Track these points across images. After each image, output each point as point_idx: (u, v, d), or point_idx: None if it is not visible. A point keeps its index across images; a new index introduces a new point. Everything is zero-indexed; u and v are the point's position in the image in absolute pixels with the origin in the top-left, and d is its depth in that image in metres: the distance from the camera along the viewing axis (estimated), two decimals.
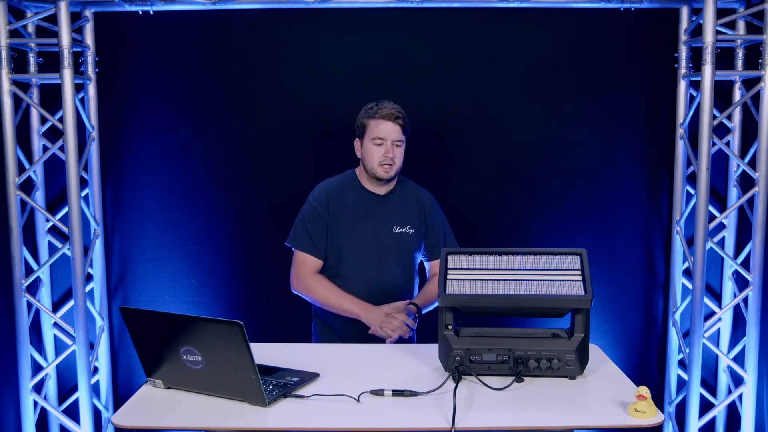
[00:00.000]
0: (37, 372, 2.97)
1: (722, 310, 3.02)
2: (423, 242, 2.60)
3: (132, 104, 3.07)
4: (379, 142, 2.44)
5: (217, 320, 1.67)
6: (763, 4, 2.77)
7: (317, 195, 2.54)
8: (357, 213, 2.51)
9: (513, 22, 3.01)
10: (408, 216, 2.55)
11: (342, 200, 2.52)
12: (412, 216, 2.56)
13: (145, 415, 1.70)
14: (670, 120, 3.04)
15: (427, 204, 2.60)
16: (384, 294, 2.51)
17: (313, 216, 2.51)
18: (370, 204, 2.53)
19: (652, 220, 3.13)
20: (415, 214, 2.57)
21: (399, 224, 2.53)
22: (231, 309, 3.14)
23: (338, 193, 2.53)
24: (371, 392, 1.77)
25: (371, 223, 2.52)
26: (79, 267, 2.80)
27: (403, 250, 2.54)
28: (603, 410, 1.70)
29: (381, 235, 2.52)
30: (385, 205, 2.54)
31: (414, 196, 2.59)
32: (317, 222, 2.50)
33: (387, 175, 2.46)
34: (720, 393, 3.11)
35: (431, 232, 2.60)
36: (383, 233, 2.52)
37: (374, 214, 2.52)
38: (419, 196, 2.61)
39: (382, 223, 2.52)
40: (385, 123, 2.44)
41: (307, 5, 2.90)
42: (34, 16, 2.81)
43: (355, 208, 2.52)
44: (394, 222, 2.53)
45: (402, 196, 2.57)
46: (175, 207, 3.11)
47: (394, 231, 2.53)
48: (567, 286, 1.87)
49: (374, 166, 2.46)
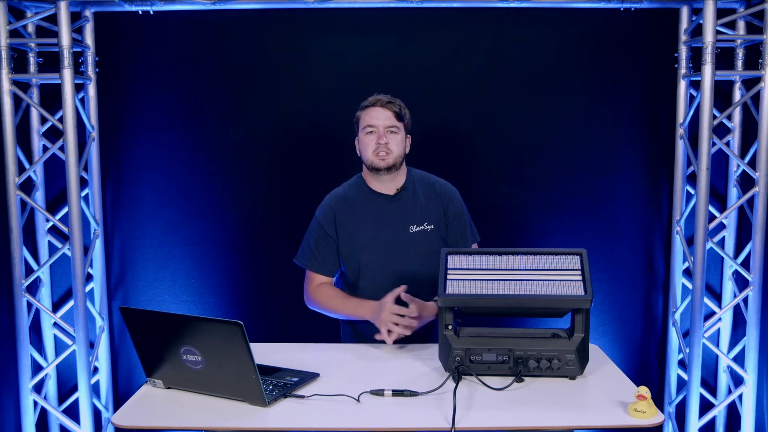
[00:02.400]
0: (37, 372, 2.97)
1: (722, 310, 3.02)
2: (445, 235, 2.40)
3: (132, 104, 3.07)
4: (370, 130, 2.32)
5: (217, 320, 1.68)
6: (763, 4, 2.77)
7: (323, 210, 2.41)
8: (368, 221, 2.37)
9: (513, 22, 3.01)
10: (424, 211, 2.37)
11: (351, 210, 2.38)
12: (429, 210, 2.38)
13: (145, 415, 1.70)
14: (670, 120, 3.04)
15: (444, 193, 2.41)
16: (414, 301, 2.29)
17: (318, 234, 2.40)
18: (381, 207, 2.38)
19: (652, 220, 3.13)
20: (432, 208, 2.38)
21: (415, 222, 2.36)
22: (231, 309, 3.15)
23: (346, 205, 2.39)
24: (371, 392, 1.77)
25: (384, 228, 2.36)
26: (79, 267, 2.80)
27: (423, 250, 2.35)
28: (603, 410, 1.70)
29: (397, 239, 2.35)
30: (397, 205, 2.38)
31: (428, 187, 2.42)
32: (322, 239, 2.39)
33: (383, 163, 2.30)
34: (720, 393, 3.11)
35: (453, 222, 2.40)
36: (399, 237, 2.35)
37: (387, 218, 2.37)
38: (435, 186, 2.42)
39: (396, 226, 2.36)
40: (375, 109, 2.32)
41: (307, 5, 2.90)
42: (34, 16, 2.81)
43: (365, 216, 2.37)
44: (410, 221, 2.36)
45: (414, 191, 2.40)
46: (175, 207, 3.11)
47: (411, 231, 2.35)
48: (567, 286, 1.87)
49: (369, 155, 2.31)
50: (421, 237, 2.36)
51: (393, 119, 2.33)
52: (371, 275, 2.36)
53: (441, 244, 2.37)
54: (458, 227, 2.41)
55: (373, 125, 2.32)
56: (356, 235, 2.36)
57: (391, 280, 2.29)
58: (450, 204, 2.41)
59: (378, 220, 2.37)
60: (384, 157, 2.31)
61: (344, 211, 2.38)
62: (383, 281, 2.31)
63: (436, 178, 2.48)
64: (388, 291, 2.23)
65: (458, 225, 2.41)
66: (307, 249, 2.42)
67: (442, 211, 2.40)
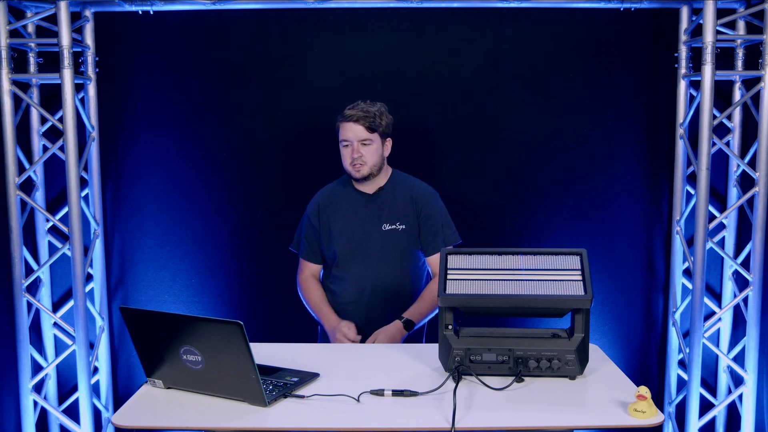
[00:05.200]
0: (37, 372, 2.97)
1: (722, 310, 3.02)
2: (418, 237, 2.57)
3: (132, 104, 3.07)
4: (345, 144, 2.50)
5: (217, 320, 1.68)
6: (763, 4, 2.77)
7: (311, 204, 2.65)
8: (347, 215, 2.57)
9: (513, 22, 3.01)
10: (398, 212, 2.54)
11: (334, 205, 2.59)
12: (403, 212, 2.55)
13: (145, 415, 1.70)
14: (670, 120, 3.04)
15: (420, 197, 2.57)
16: (382, 294, 2.53)
17: (306, 224, 2.64)
18: (359, 204, 2.56)
19: (652, 220, 3.13)
20: (406, 210, 2.55)
21: (388, 221, 2.54)
22: (231, 309, 3.15)
23: (330, 199, 2.61)
24: (371, 392, 1.77)
25: (360, 223, 2.55)
26: (79, 267, 2.80)
27: (394, 247, 2.54)
28: (603, 410, 1.70)
29: (370, 234, 2.54)
30: (374, 203, 2.56)
31: (407, 190, 2.58)
32: (310, 229, 2.63)
33: (358, 174, 2.49)
34: (720, 393, 3.11)
35: (425, 226, 2.56)
36: (372, 232, 2.54)
37: (363, 214, 2.56)
38: (413, 190, 2.58)
39: (371, 223, 2.54)
40: (348, 125, 2.48)
41: (307, 5, 2.90)
42: (34, 16, 2.81)
43: (345, 211, 2.57)
44: (383, 220, 2.54)
45: (394, 192, 2.57)
46: (175, 207, 3.11)
47: (383, 229, 2.53)
48: (567, 286, 1.87)
49: (346, 166, 2.51)
50: (392, 235, 2.54)
51: (365, 132, 2.48)
52: (344, 265, 2.57)
53: (413, 245, 2.56)
54: (429, 230, 2.56)
55: (347, 139, 2.49)
56: (334, 227, 2.58)
57: (361, 270, 2.54)
58: (424, 207, 2.56)
59: (355, 216, 2.57)
60: (360, 168, 2.49)
61: (328, 204, 2.60)
62: (356, 271, 2.55)
63: (418, 181, 2.63)
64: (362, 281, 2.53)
65: (430, 228, 2.56)
66: (298, 237, 2.69)
67: (416, 213, 2.56)
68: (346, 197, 2.59)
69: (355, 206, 2.57)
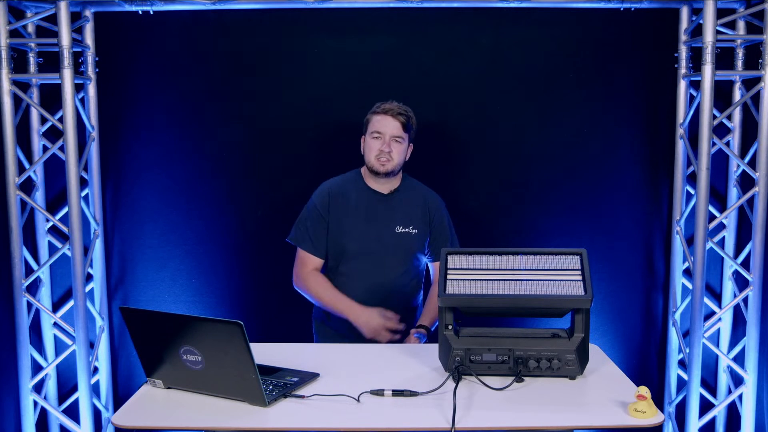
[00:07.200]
0: (37, 372, 2.97)
1: (722, 310, 3.03)
2: (427, 243, 2.59)
3: (132, 104, 3.07)
4: (377, 136, 2.47)
5: (217, 320, 1.68)
6: (763, 4, 2.77)
7: (319, 194, 2.57)
8: (359, 212, 2.53)
9: (513, 22, 3.01)
10: (412, 216, 2.55)
11: (344, 199, 2.54)
12: (416, 216, 2.55)
13: (145, 415, 1.70)
14: (670, 120, 3.04)
15: (432, 202, 2.60)
16: (385, 294, 2.51)
17: (313, 215, 2.54)
18: (373, 203, 2.54)
19: (652, 220, 3.13)
20: (419, 214, 2.56)
21: (402, 224, 2.53)
22: (231, 309, 3.14)
23: (341, 192, 2.55)
24: (371, 392, 1.77)
25: (373, 222, 2.52)
26: (79, 267, 2.80)
27: (405, 250, 2.54)
28: (603, 410, 1.70)
29: (382, 234, 2.52)
30: (389, 204, 2.54)
31: (420, 196, 2.59)
32: (317, 221, 2.53)
33: (383, 168, 2.47)
34: (720, 393, 3.11)
35: (436, 232, 2.59)
36: (385, 233, 2.52)
37: (376, 214, 2.53)
38: (426, 197, 2.61)
39: (384, 223, 2.53)
40: (385, 118, 2.47)
41: (307, 5, 2.90)
42: (34, 16, 2.81)
43: (357, 208, 2.53)
44: (397, 222, 2.53)
45: (407, 196, 2.57)
46: (175, 207, 3.11)
47: (397, 231, 2.53)
48: (567, 286, 1.87)
49: (371, 158, 2.48)
50: (404, 238, 2.54)
51: (400, 129, 2.48)
52: (353, 263, 2.52)
53: (420, 249, 2.57)
54: (440, 237, 2.59)
55: (381, 132, 2.47)
56: (345, 222, 2.52)
57: (370, 270, 2.51)
58: (436, 214, 2.59)
59: (368, 214, 2.53)
60: (385, 163, 2.47)
61: (338, 197, 2.54)
62: (364, 270, 2.51)
63: (428, 189, 2.65)
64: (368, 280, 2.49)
65: (440, 235, 2.59)
66: (303, 230, 2.56)
67: (429, 219, 2.58)
68: (357, 194, 2.55)
69: (367, 204, 2.53)
